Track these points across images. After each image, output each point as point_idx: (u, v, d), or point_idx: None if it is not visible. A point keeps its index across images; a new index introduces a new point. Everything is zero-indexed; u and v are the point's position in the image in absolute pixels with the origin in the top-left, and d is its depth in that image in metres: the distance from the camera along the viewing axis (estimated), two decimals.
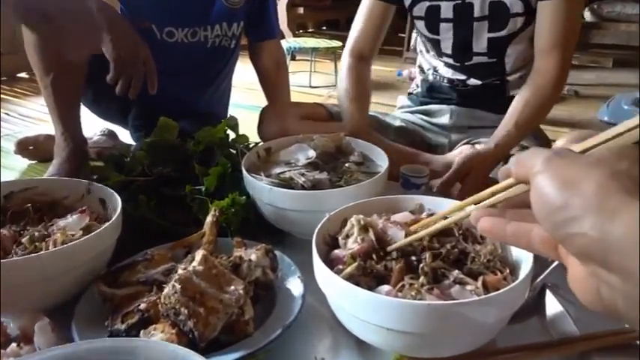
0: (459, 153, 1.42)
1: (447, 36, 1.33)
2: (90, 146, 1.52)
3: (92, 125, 1.67)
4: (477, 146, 1.40)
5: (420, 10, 1.32)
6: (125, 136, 1.69)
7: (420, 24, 1.36)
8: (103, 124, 1.74)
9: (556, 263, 0.72)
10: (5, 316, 0.60)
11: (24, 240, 0.66)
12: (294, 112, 1.32)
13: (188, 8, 1.44)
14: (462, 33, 1.31)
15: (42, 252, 0.63)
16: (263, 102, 1.57)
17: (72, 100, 1.40)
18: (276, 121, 1.26)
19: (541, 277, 0.71)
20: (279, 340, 0.60)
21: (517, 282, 0.56)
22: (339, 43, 3.45)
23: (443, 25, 1.32)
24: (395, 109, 1.63)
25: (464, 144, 1.43)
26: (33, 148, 1.69)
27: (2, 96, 2.84)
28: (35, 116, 2.42)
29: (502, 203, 0.39)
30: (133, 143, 1.56)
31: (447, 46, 1.35)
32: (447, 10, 1.29)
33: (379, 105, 2.41)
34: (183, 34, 1.43)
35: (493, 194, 0.39)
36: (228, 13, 1.48)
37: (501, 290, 0.55)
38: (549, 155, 0.30)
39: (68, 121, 1.39)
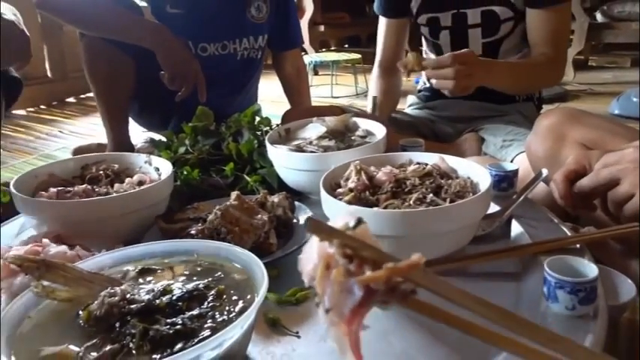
0: (465, 140, 1.59)
1: (446, 41, 1.54)
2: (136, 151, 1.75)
3: (137, 135, 1.92)
4: (480, 133, 1.57)
5: (423, 19, 1.53)
6: None
7: (425, 30, 1.57)
8: (147, 135, 1.98)
9: (521, 199, 0.88)
10: (91, 246, 0.80)
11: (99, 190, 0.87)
12: (312, 114, 1.50)
13: (218, 24, 1.65)
14: (459, 39, 1.50)
15: (115, 194, 0.84)
16: None
17: (121, 109, 1.64)
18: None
19: (510, 209, 0.87)
20: (293, 255, 0.78)
21: (475, 196, 0.73)
22: (359, 56, 3.66)
23: (442, 32, 1.52)
24: (405, 107, 1.82)
25: (469, 132, 1.60)
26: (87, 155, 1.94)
27: (54, 117, 3.16)
28: (84, 132, 2.70)
29: None
30: None
31: (446, 50, 1.54)
32: (445, 19, 1.49)
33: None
34: (215, 48, 1.63)
35: None
36: (253, 27, 1.68)
37: (460, 201, 0.72)
38: None
39: (117, 128, 1.63)
